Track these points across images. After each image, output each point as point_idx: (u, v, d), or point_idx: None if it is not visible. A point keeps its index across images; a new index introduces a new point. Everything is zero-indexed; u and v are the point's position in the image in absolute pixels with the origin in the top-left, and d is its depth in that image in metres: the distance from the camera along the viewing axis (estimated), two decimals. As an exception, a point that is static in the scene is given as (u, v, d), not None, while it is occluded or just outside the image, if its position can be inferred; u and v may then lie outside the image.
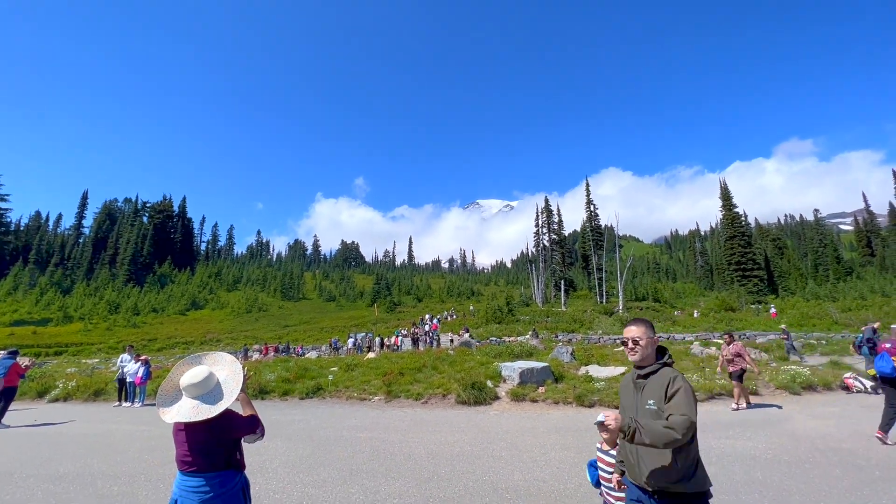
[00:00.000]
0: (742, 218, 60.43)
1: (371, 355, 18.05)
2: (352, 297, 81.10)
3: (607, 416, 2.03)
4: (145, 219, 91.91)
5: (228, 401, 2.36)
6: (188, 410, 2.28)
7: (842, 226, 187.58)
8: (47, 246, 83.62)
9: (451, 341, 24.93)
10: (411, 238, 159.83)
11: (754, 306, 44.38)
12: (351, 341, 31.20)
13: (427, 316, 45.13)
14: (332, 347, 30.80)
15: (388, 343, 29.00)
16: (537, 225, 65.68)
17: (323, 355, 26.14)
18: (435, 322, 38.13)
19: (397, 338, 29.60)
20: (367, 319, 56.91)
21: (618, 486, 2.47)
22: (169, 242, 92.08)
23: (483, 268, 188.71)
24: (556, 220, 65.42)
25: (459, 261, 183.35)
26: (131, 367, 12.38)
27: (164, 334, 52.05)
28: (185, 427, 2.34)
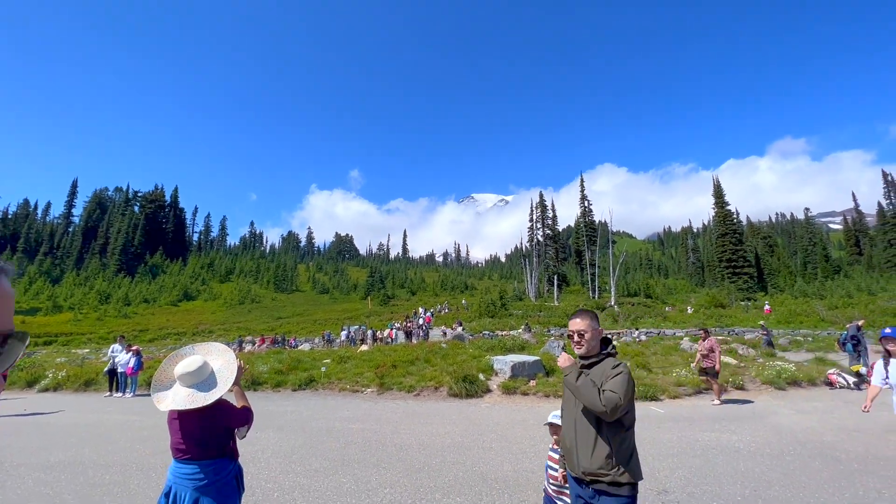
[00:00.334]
0: (734, 216, 61.00)
1: (364, 348, 18.10)
2: (345, 290, 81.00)
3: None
4: (136, 208, 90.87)
5: (223, 389, 2.39)
6: (183, 398, 2.32)
7: (831, 225, 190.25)
8: (36, 235, 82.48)
9: (444, 334, 25.03)
10: (406, 231, 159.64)
11: (744, 303, 45.01)
12: (344, 334, 31.17)
13: (420, 309, 45.19)
14: (326, 340, 30.76)
15: (381, 336, 29.05)
16: (532, 220, 65.92)
17: (316, 347, 26.13)
18: (428, 315, 38.24)
19: (391, 331, 29.64)
20: (361, 312, 56.91)
21: (563, 481, 2.58)
22: (161, 233, 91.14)
23: (477, 262, 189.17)
24: (551, 216, 65.74)
25: (454, 255, 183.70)
26: (122, 358, 12.34)
27: (156, 325, 51.70)
28: (180, 415, 2.37)
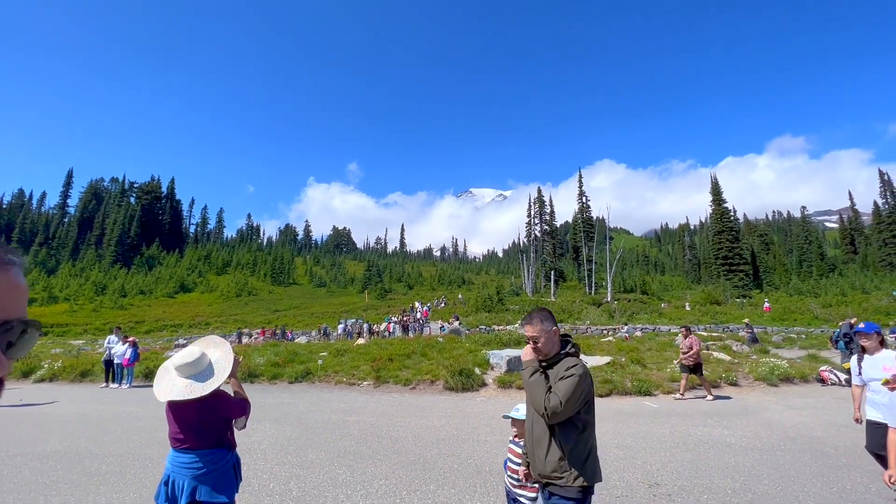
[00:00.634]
0: (731, 213, 61.32)
1: (361, 341, 18.16)
2: (342, 283, 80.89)
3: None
4: (133, 199, 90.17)
5: (220, 379, 2.42)
6: (181, 389, 2.34)
7: (828, 223, 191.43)
8: (31, 225, 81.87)
9: (441, 329, 25.13)
10: (403, 225, 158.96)
11: (739, 300, 45.34)
12: (341, 327, 31.22)
13: (417, 303, 45.25)
14: (322, 333, 30.82)
15: (378, 330, 29.11)
16: (529, 215, 65.93)
17: (313, 340, 26.17)
18: (426, 309, 38.31)
19: (388, 324, 29.73)
20: (358, 306, 56.91)
21: (525, 478, 2.52)
22: (157, 224, 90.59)
23: (475, 257, 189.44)
24: (549, 211, 65.82)
25: (451, 249, 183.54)
26: (119, 349, 12.34)
27: (152, 317, 51.54)
28: (178, 405, 2.39)
